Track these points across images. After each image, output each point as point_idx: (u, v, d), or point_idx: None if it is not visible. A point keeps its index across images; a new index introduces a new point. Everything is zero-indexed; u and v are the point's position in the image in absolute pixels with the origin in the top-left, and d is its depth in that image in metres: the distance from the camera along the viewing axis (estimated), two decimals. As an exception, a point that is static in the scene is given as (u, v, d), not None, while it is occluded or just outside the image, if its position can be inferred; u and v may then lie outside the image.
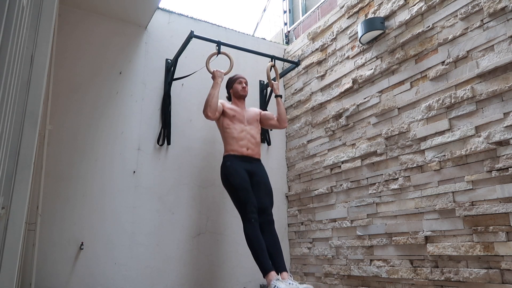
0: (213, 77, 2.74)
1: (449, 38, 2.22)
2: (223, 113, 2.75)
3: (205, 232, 3.02)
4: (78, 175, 2.65)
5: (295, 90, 3.55)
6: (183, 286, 2.84)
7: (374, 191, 2.60)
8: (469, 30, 2.13)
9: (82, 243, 2.55)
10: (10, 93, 1.03)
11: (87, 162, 2.70)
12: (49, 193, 2.51)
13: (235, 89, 2.86)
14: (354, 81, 2.86)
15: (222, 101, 2.79)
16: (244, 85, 2.87)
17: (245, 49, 3.06)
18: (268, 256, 2.38)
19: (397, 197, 2.45)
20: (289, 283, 2.25)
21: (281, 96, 2.95)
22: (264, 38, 3.89)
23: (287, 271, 2.39)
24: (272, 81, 3.00)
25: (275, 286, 2.21)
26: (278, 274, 2.33)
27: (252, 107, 2.98)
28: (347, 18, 3.01)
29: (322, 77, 3.22)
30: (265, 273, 2.32)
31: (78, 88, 2.78)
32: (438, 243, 2.17)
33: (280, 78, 3.46)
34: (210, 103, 2.65)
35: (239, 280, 3.05)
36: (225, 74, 2.80)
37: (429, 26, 2.35)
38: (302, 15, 3.93)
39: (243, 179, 2.55)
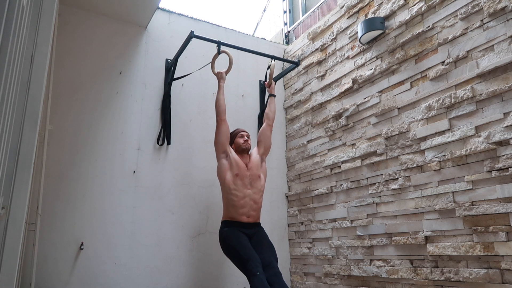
0: (217, 79, 2.79)
1: (449, 38, 2.22)
2: (227, 157, 2.64)
3: (205, 232, 3.02)
4: (78, 175, 2.65)
5: (295, 90, 3.55)
6: (183, 286, 2.84)
7: (374, 191, 2.60)
8: (469, 30, 2.13)
9: (82, 243, 2.55)
10: (10, 93, 1.03)
11: (87, 162, 2.70)
12: (49, 193, 2.51)
13: (237, 144, 2.73)
14: (354, 81, 2.86)
15: (230, 147, 2.70)
16: (246, 138, 2.75)
17: (245, 49, 3.06)
18: None
19: (397, 197, 2.45)
20: None
21: (275, 96, 2.96)
22: (264, 38, 3.89)
23: None
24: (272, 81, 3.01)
25: None
26: None
27: (252, 155, 2.77)
28: (347, 18, 3.01)
29: (322, 77, 3.22)
30: None
31: (78, 88, 2.78)
32: (438, 243, 2.17)
33: (280, 78, 3.46)
34: (218, 109, 2.67)
35: (239, 280, 3.05)
36: (226, 73, 2.80)
37: (429, 26, 2.35)
38: (302, 15, 3.93)
39: (241, 239, 2.46)
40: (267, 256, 2.44)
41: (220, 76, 2.76)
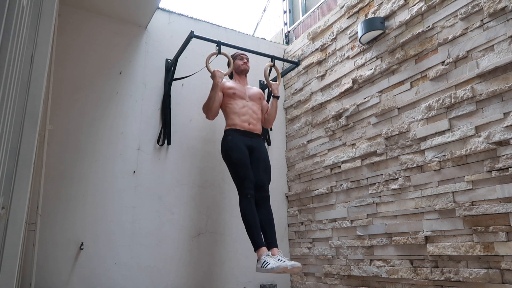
0: (213, 77, 2.72)
1: (449, 38, 2.22)
2: (223, 93, 2.77)
3: (205, 232, 3.02)
4: (78, 175, 2.65)
5: (295, 90, 3.55)
6: (183, 286, 2.84)
7: (374, 191, 2.60)
8: (469, 30, 2.13)
9: (82, 243, 2.55)
10: (10, 93, 1.03)
11: (87, 162, 2.70)
12: (49, 193, 2.51)
13: (236, 65, 2.89)
14: (354, 81, 2.86)
15: (223, 82, 2.80)
16: (245, 60, 2.91)
17: (245, 49, 3.05)
18: (260, 232, 2.45)
19: (397, 197, 2.45)
20: (278, 259, 2.30)
21: (278, 97, 2.94)
22: (264, 38, 3.89)
23: (277, 248, 2.46)
24: (271, 81, 3.01)
25: (264, 261, 2.28)
26: (269, 250, 2.40)
27: (255, 87, 3.00)
28: (347, 18, 3.01)
29: (322, 77, 3.22)
30: (256, 248, 2.39)
31: (78, 88, 2.78)
32: (438, 243, 2.17)
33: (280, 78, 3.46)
34: (211, 107, 2.71)
35: (239, 280, 3.05)
36: (225, 75, 2.80)
37: (429, 26, 2.35)
38: (302, 15, 3.93)
39: (243, 154, 2.59)
40: (262, 177, 2.62)
41: (219, 75, 2.72)
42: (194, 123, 3.17)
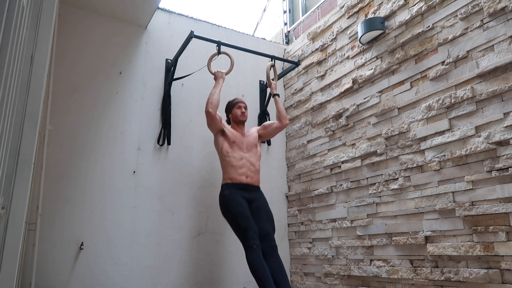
0: (215, 78, 2.76)
1: (449, 38, 2.22)
2: (223, 133, 2.69)
3: (205, 232, 3.02)
4: (78, 175, 2.65)
5: (295, 90, 3.55)
6: (183, 286, 2.84)
7: (374, 191, 2.60)
8: (469, 30, 2.13)
9: (82, 243, 2.55)
10: (10, 93, 1.03)
11: (87, 162, 2.70)
12: (49, 193, 2.51)
13: (234, 114, 2.80)
14: (354, 81, 2.86)
15: (223, 123, 2.74)
16: (244, 110, 2.81)
17: (245, 49, 3.06)
18: (273, 283, 2.30)
19: (397, 197, 2.45)
20: None
21: (278, 95, 2.95)
22: (264, 38, 3.89)
23: None
24: (271, 81, 3.01)
25: None
26: None
27: (251, 129, 2.90)
28: (347, 18, 3.01)
29: (322, 77, 3.22)
30: None
31: (78, 88, 2.78)
32: (438, 243, 2.17)
33: (280, 78, 3.46)
34: (211, 99, 2.64)
35: (239, 280, 3.05)
36: (226, 73, 2.80)
37: (429, 26, 2.35)
38: (302, 15, 3.92)
39: (242, 206, 2.49)
40: (265, 226, 2.50)
41: (220, 76, 2.75)
42: (194, 123, 3.17)
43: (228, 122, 2.89)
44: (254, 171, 2.69)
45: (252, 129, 2.91)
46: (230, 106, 2.84)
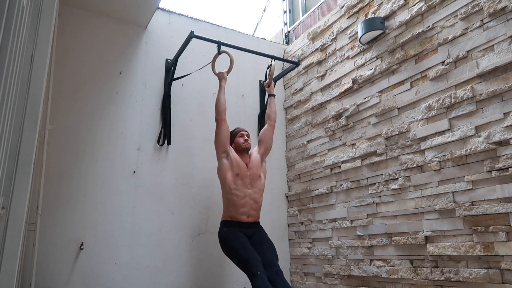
0: (219, 79, 2.78)
1: (449, 38, 2.22)
2: (227, 156, 2.63)
3: (205, 232, 3.02)
4: (78, 175, 2.65)
5: (295, 90, 3.55)
6: (183, 286, 2.84)
7: (374, 191, 2.60)
8: (469, 30, 2.13)
9: (82, 243, 2.55)
10: (10, 93, 1.03)
11: (87, 162, 2.70)
12: (49, 193, 2.51)
13: (237, 143, 2.73)
14: (354, 81, 2.86)
15: (230, 147, 2.69)
16: (246, 137, 2.74)
17: (245, 49, 3.06)
18: None
19: (397, 197, 2.45)
20: None
21: (274, 96, 2.96)
22: (264, 38, 3.89)
23: None
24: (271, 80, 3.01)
25: None
26: None
27: (252, 153, 2.78)
28: (347, 18, 3.01)
29: (322, 77, 3.22)
30: None
31: (78, 88, 2.78)
32: (438, 243, 2.17)
33: (280, 78, 3.46)
34: (218, 106, 2.65)
35: (239, 280, 3.05)
36: (227, 73, 2.80)
37: (429, 26, 2.35)
38: (302, 15, 3.93)
39: (241, 239, 2.45)
40: (267, 254, 2.44)
41: (221, 76, 2.76)
42: (194, 123, 3.17)
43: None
44: (256, 209, 2.63)
45: (253, 153, 2.79)
46: (232, 136, 2.76)
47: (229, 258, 2.51)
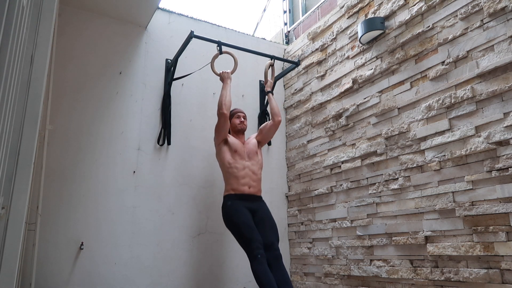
0: (221, 79, 2.76)
1: (449, 38, 2.22)
2: (226, 142, 2.70)
3: (205, 232, 3.02)
4: (78, 175, 2.65)
5: (295, 90, 3.55)
6: (183, 286, 2.84)
7: (374, 191, 2.60)
8: (469, 30, 2.13)
9: (82, 243, 2.55)
10: (10, 93, 1.03)
11: (87, 162, 2.70)
12: (49, 193, 2.51)
13: (233, 124, 2.82)
14: (354, 81, 2.86)
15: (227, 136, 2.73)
16: (242, 119, 2.84)
17: (245, 49, 3.06)
18: None
19: (397, 197, 2.45)
20: None
21: (272, 93, 2.96)
22: (264, 38, 3.89)
23: None
24: (269, 79, 3.02)
25: None
26: None
27: (250, 137, 2.91)
28: (347, 18, 3.01)
29: (322, 77, 3.22)
30: None
31: (78, 88, 2.78)
32: (438, 243, 2.17)
33: (280, 78, 3.46)
34: (224, 101, 2.64)
35: (239, 280, 3.05)
36: (232, 73, 2.80)
37: (429, 26, 2.35)
38: (302, 15, 3.93)
39: (245, 217, 2.50)
40: (269, 236, 2.52)
41: (227, 76, 2.75)
42: (194, 123, 3.17)
43: (228, 131, 2.84)
44: (256, 180, 2.69)
45: (250, 136, 2.92)
46: (229, 116, 2.80)
47: (231, 233, 2.57)
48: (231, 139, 2.74)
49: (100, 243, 2.63)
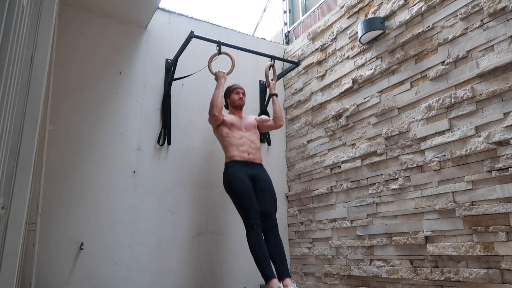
0: (216, 78, 2.78)
1: (449, 38, 2.22)
2: (222, 122, 2.76)
3: (205, 232, 3.02)
4: (78, 175, 2.65)
5: (295, 90, 3.55)
6: (183, 286, 2.84)
7: (374, 191, 2.60)
8: (469, 30, 2.13)
9: (82, 243, 2.55)
10: (10, 93, 1.03)
11: (87, 162, 2.70)
12: (49, 193, 2.51)
13: (232, 99, 2.88)
14: (354, 81, 2.86)
15: (222, 113, 2.78)
16: (241, 95, 2.89)
17: (245, 49, 3.06)
18: (270, 263, 2.36)
19: (397, 197, 2.45)
20: None
21: (276, 95, 2.96)
22: (264, 38, 3.89)
23: (290, 277, 2.36)
24: (270, 80, 3.02)
25: None
26: (280, 281, 2.31)
27: (250, 116, 2.99)
28: (347, 18, 3.01)
29: (322, 77, 3.22)
30: (267, 280, 2.30)
31: (78, 88, 2.78)
32: (438, 243, 2.17)
33: (280, 78, 3.46)
34: (216, 103, 2.69)
35: (239, 280, 3.05)
36: (228, 74, 2.80)
37: (429, 26, 2.35)
38: (302, 15, 3.93)
39: (245, 185, 2.54)
40: (267, 206, 2.57)
41: (222, 75, 2.78)
42: (194, 123, 3.17)
43: (226, 107, 2.96)
44: (255, 148, 2.75)
45: (250, 116, 2.99)
46: (229, 92, 2.90)
47: (231, 199, 2.62)
48: (227, 117, 2.80)
49: (100, 243, 2.63)
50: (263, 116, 3.00)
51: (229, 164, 2.66)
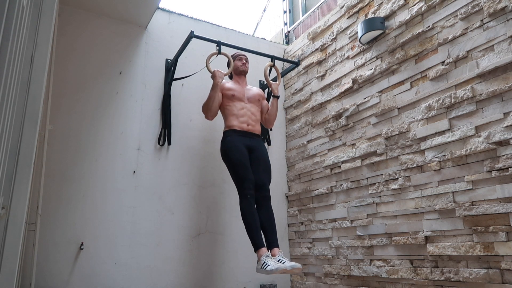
0: (213, 77, 2.73)
1: (449, 38, 2.22)
2: (222, 94, 2.77)
3: (205, 232, 3.02)
4: (78, 175, 2.65)
5: (295, 90, 3.55)
6: (183, 286, 2.84)
7: (374, 191, 2.60)
8: (469, 30, 2.13)
9: (82, 243, 2.55)
10: (10, 93, 1.03)
11: (87, 162, 2.70)
12: (49, 193, 2.51)
13: (235, 66, 2.88)
14: (354, 81, 2.86)
15: (223, 83, 2.79)
16: (244, 61, 2.90)
17: (245, 49, 3.05)
18: (260, 232, 2.44)
19: (397, 197, 2.45)
20: (278, 260, 2.28)
21: (278, 97, 2.92)
22: (264, 38, 3.89)
23: (278, 247, 2.43)
24: (271, 81, 3.01)
25: (264, 262, 2.25)
26: (269, 250, 2.38)
27: (255, 87, 2.98)
28: (347, 18, 3.01)
29: (322, 77, 3.22)
30: (256, 248, 2.38)
31: (78, 88, 2.78)
32: (438, 243, 2.17)
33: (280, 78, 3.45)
34: (211, 107, 2.69)
35: (239, 280, 3.05)
36: (225, 75, 2.80)
37: (429, 26, 2.35)
38: (302, 15, 3.93)
39: (242, 155, 2.58)
40: (262, 176, 2.61)
41: (219, 75, 2.73)
42: (194, 123, 3.17)
43: (230, 77, 2.96)
44: (255, 120, 2.77)
45: (256, 88, 2.95)
46: (232, 59, 2.90)
47: (226, 167, 2.68)
48: (229, 84, 2.79)
49: (100, 243, 2.63)
50: (265, 104, 2.96)
51: (227, 133, 2.69)
